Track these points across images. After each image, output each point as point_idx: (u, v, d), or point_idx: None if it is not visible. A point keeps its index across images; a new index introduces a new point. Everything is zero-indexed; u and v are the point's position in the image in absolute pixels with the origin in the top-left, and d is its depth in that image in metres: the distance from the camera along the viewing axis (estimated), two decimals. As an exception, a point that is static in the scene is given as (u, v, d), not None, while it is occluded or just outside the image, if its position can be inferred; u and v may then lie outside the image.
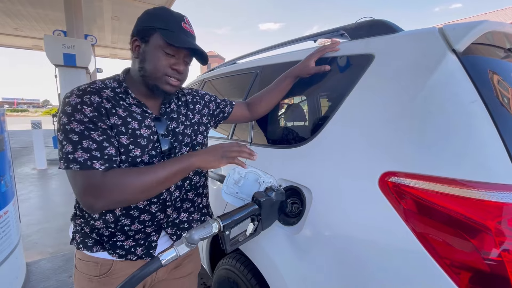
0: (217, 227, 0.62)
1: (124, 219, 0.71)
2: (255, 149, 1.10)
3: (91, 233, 0.73)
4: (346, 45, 0.89)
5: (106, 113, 0.66)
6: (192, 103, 0.88)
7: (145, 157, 0.71)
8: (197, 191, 0.87)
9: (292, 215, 0.82)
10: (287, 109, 1.19)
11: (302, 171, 0.83)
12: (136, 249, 0.74)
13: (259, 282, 0.96)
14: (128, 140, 0.68)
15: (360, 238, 0.64)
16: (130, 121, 0.69)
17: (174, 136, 0.78)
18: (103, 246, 0.73)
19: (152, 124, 0.73)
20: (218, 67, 1.91)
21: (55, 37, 5.85)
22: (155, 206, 0.75)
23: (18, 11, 7.08)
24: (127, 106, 0.71)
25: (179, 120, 0.81)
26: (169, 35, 0.67)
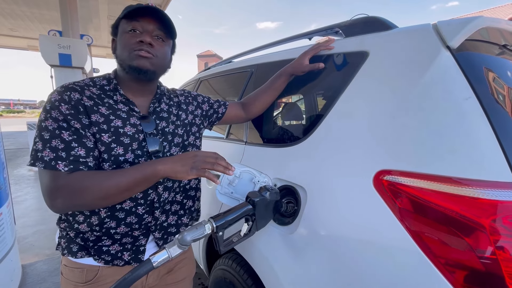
0: (210, 228, 0.61)
1: (110, 221, 0.68)
2: (250, 148, 1.09)
3: (76, 238, 0.70)
4: (340, 42, 0.89)
5: (85, 111, 0.65)
6: (185, 104, 0.87)
7: (128, 155, 0.68)
8: (187, 193, 0.84)
9: (287, 214, 0.81)
10: (282, 108, 1.18)
11: (297, 170, 0.82)
12: (123, 253, 0.72)
13: (255, 282, 0.96)
14: (110, 138, 0.66)
15: (355, 238, 0.63)
16: (113, 119, 0.68)
17: (163, 136, 0.76)
18: (88, 251, 0.70)
19: (138, 123, 0.71)
20: (214, 66, 1.90)
21: (50, 37, 5.80)
22: (142, 207, 0.71)
23: (12, 11, 7.01)
24: (112, 104, 0.70)
25: (169, 120, 0.79)
26: (124, 13, 0.68)
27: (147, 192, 0.71)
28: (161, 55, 0.72)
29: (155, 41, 0.70)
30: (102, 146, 0.65)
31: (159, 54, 0.71)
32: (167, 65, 0.77)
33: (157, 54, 0.70)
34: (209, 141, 1.45)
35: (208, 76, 1.80)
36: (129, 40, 0.68)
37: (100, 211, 0.67)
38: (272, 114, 1.11)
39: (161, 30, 0.71)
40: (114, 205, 0.68)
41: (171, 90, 0.89)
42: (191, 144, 0.85)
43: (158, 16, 0.69)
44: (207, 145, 1.44)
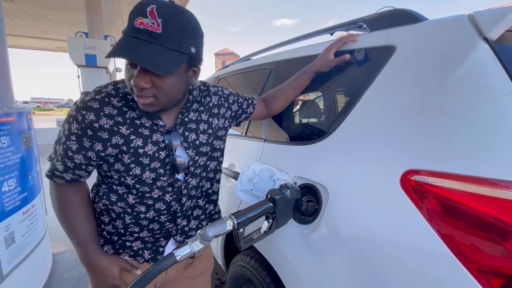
0: (231, 224, 0.61)
1: (134, 227, 0.72)
2: (270, 146, 1.08)
3: (102, 232, 0.74)
4: (365, 37, 0.86)
5: (103, 134, 0.63)
6: (217, 107, 0.80)
7: (146, 175, 0.67)
8: (208, 197, 0.85)
9: (308, 213, 0.80)
10: (303, 105, 1.16)
11: (318, 168, 0.80)
12: (143, 251, 0.75)
13: (273, 280, 0.96)
14: (129, 159, 0.65)
15: (380, 239, 0.61)
16: (133, 139, 0.65)
17: (192, 148, 0.72)
18: (114, 245, 0.74)
19: (161, 140, 0.67)
20: (232, 64, 1.90)
21: (77, 38, 6.09)
22: (165, 216, 0.73)
23: (44, 15, 7.43)
24: (134, 118, 0.65)
25: (198, 130, 0.74)
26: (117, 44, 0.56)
27: (170, 204, 0.72)
28: (164, 93, 0.60)
29: (151, 78, 0.57)
30: (122, 166, 0.65)
31: (160, 93, 0.59)
32: (180, 94, 0.65)
33: (158, 95, 0.59)
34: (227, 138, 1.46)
35: (226, 74, 1.81)
36: (127, 76, 0.60)
37: (125, 217, 0.71)
38: (293, 111, 1.10)
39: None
40: (139, 214, 0.70)
41: (205, 87, 0.80)
42: (216, 149, 0.82)
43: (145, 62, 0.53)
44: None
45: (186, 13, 0.58)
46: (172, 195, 0.72)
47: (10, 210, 1.42)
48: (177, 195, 0.73)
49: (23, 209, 1.53)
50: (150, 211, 0.71)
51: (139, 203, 0.70)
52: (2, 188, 1.35)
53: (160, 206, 0.71)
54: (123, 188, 0.69)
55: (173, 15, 0.55)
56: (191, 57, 0.59)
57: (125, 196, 0.69)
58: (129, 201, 0.69)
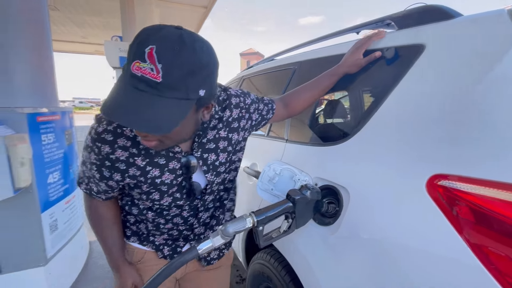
0: (251, 222, 0.63)
1: (154, 231, 0.77)
2: (291, 146, 1.08)
3: (129, 227, 0.80)
4: (392, 35, 0.83)
5: (120, 165, 0.62)
6: (237, 120, 0.74)
7: (164, 200, 0.68)
8: (224, 207, 0.86)
9: (328, 215, 0.79)
10: (326, 106, 1.14)
11: (340, 170, 0.80)
12: (164, 247, 0.80)
13: (292, 280, 0.96)
14: (147, 188, 0.66)
15: (402, 244, 0.59)
16: (150, 170, 0.63)
17: (214, 171, 0.71)
18: (139, 238, 0.79)
19: (177, 167, 0.65)
20: (257, 64, 1.92)
21: (113, 42, 6.50)
22: (183, 227, 0.78)
23: (84, 21, 8.03)
24: (148, 148, 0.61)
25: (217, 149, 0.70)
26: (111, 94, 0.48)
27: (187, 219, 0.76)
28: (170, 138, 0.56)
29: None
30: (140, 191, 0.67)
31: (167, 138, 0.55)
32: (189, 134, 0.60)
33: (163, 140, 0.55)
34: (250, 138, 1.49)
35: (250, 75, 1.83)
36: None
37: (147, 224, 0.75)
38: (315, 112, 1.08)
39: None
40: (158, 224, 0.75)
41: (225, 96, 0.73)
42: (234, 162, 0.81)
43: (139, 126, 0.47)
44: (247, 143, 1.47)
45: (196, 47, 0.48)
46: (189, 211, 0.75)
47: (55, 199, 1.57)
48: (194, 211, 0.76)
49: (65, 199, 1.68)
50: (168, 223, 0.75)
51: (157, 217, 0.73)
52: (47, 179, 1.50)
53: (177, 220, 0.75)
54: (144, 205, 0.72)
55: (176, 56, 0.45)
56: (200, 99, 0.51)
57: (145, 212, 0.73)
58: (148, 216, 0.73)
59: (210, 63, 0.51)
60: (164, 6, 6.94)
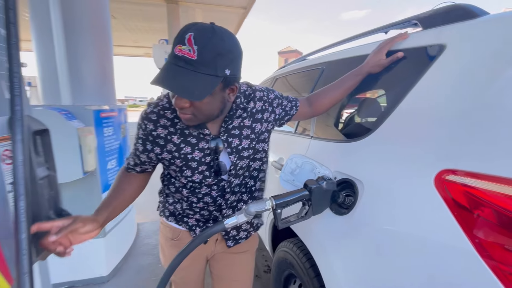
0: (270, 205, 0.72)
1: (188, 211, 0.89)
2: (316, 143, 1.15)
3: (168, 208, 0.94)
4: (414, 35, 0.85)
5: (154, 141, 0.75)
6: (261, 112, 0.83)
7: (195, 177, 0.79)
8: (251, 194, 0.93)
9: (345, 206, 0.85)
10: (347, 105, 1.18)
11: (357, 165, 0.85)
12: (196, 228, 0.91)
13: (311, 266, 1.03)
14: (181, 163, 0.78)
15: (408, 233, 0.63)
16: (183, 147, 0.75)
17: (234, 153, 0.80)
18: (175, 218, 0.93)
19: (206, 147, 0.77)
20: (289, 64, 2.00)
21: (159, 45, 7.07)
22: (212, 207, 0.87)
23: (136, 26, 8.86)
24: (183, 128, 0.75)
25: (241, 136, 0.80)
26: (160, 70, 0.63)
27: (216, 199, 0.85)
28: (201, 112, 0.66)
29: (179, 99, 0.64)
30: (176, 167, 0.79)
31: (198, 112, 0.66)
32: (217, 111, 0.70)
33: (196, 113, 0.66)
34: (279, 135, 1.58)
35: (282, 75, 1.92)
36: (171, 94, 0.69)
37: (182, 203, 0.88)
38: (338, 111, 1.13)
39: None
40: (191, 203, 0.86)
41: (250, 90, 0.84)
42: (259, 151, 0.89)
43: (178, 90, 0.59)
44: (276, 139, 1.57)
45: (224, 36, 0.61)
46: (217, 192, 0.84)
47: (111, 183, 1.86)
48: (221, 191, 0.85)
49: (119, 184, 1.96)
50: (200, 202, 0.85)
51: (191, 195, 0.84)
52: (107, 166, 1.78)
53: (207, 199, 0.85)
54: (179, 182, 0.84)
55: (208, 41, 0.58)
56: (226, 78, 0.63)
57: (180, 189, 0.85)
58: (183, 193, 0.85)
59: (234, 50, 0.63)
60: (205, 9, 7.32)
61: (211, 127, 0.77)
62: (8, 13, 0.52)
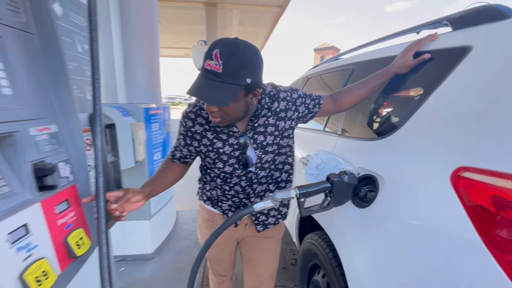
0: (294, 194, 0.82)
1: (222, 196, 1.02)
2: (342, 140, 1.20)
3: (205, 193, 1.08)
4: (443, 37, 0.86)
5: (192, 136, 0.89)
6: (284, 111, 0.91)
7: (227, 168, 0.91)
8: (278, 184, 1.02)
9: (366, 200, 0.91)
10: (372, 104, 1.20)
11: (380, 161, 0.89)
12: (228, 212, 1.04)
13: (334, 256, 1.10)
14: (214, 156, 0.90)
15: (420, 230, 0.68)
16: (216, 142, 0.88)
17: (259, 148, 0.90)
18: (211, 202, 1.07)
19: (234, 142, 0.88)
20: (321, 64, 2.04)
21: (198, 46, 7.46)
22: (242, 195, 0.99)
23: (177, 29, 9.42)
24: (216, 126, 0.87)
25: (266, 133, 0.89)
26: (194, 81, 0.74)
27: (245, 188, 0.96)
28: (228, 115, 0.77)
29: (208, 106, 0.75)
30: (210, 159, 0.92)
31: (225, 115, 0.77)
32: (241, 113, 0.79)
33: (223, 116, 0.77)
34: (308, 133, 1.64)
35: (314, 74, 1.97)
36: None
37: (217, 190, 1.02)
38: (363, 111, 1.17)
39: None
40: (224, 191, 0.98)
41: (274, 91, 0.91)
42: (284, 146, 0.98)
43: (206, 99, 0.71)
44: (305, 136, 1.64)
45: (245, 50, 0.71)
46: (246, 182, 0.96)
47: (157, 173, 2.09)
48: (249, 182, 0.96)
49: (163, 174, 2.20)
50: (231, 190, 0.97)
51: (224, 184, 0.97)
52: (153, 157, 2.02)
53: (237, 188, 0.97)
54: (214, 173, 0.97)
55: (231, 55, 0.69)
56: (248, 86, 0.72)
57: (215, 179, 0.98)
58: (217, 182, 0.98)
59: (255, 61, 0.73)
60: (242, 9, 7.52)
61: (239, 125, 0.88)
62: (91, 33, 0.67)
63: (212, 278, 1.32)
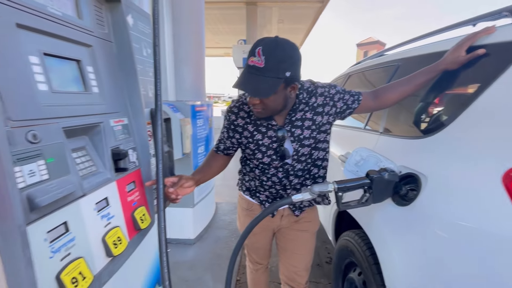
0: (332, 187, 0.85)
1: (260, 187, 1.08)
2: (384, 138, 1.18)
3: (245, 184, 1.16)
4: (500, 30, 0.81)
5: (235, 129, 0.99)
6: (322, 106, 0.93)
7: (265, 159, 0.98)
8: (314, 180, 1.06)
9: (407, 198, 0.89)
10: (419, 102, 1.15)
11: (424, 160, 0.87)
12: (266, 203, 1.10)
13: (371, 254, 1.10)
14: (254, 147, 0.98)
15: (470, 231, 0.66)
16: (256, 134, 0.96)
17: (296, 141, 0.95)
18: (250, 193, 1.14)
19: (273, 135, 0.94)
20: (364, 61, 1.98)
21: (238, 45, 7.67)
22: (279, 186, 1.04)
23: (218, 30, 9.79)
24: (256, 119, 0.94)
25: (303, 126, 0.94)
26: (239, 76, 0.84)
27: (281, 179, 1.01)
28: (269, 107, 0.84)
29: (259, 98, 0.82)
30: (250, 151, 0.99)
31: (267, 107, 0.84)
32: (280, 105, 0.85)
33: (265, 108, 0.84)
34: (348, 130, 1.63)
35: (356, 71, 1.92)
36: (246, 95, 0.91)
37: (255, 181, 1.08)
38: (408, 108, 1.13)
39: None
40: (262, 181, 1.04)
41: (312, 87, 0.94)
42: (321, 141, 1.00)
43: (250, 91, 0.80)
44: (345, 134, 1.62)
45: (285, 47, 0.78)
46: (283, 174, 1.00)
47: (200, 165, 2.26)
48: (286, 173, 1.00)
49: (205, 166, 2.37)
50: (268, 181, 1.03)
51: (261, 175, 1.03)
52: (198, 150, 2.18)
53: (274, 179, 1.02)
54: (253, 164, 1.04)
55: (272, 52, 0.76)
56: (287, 79, 0.79)
57: (253, 169, 1.05)
58: (256, 173, 1.05)
59: (293, 56, 0.79)
60: (282, 7, 7.52)
61: (277, 119, 0.94)
62: (154, 39, 0.78)
63: (248, 265, 1.40)
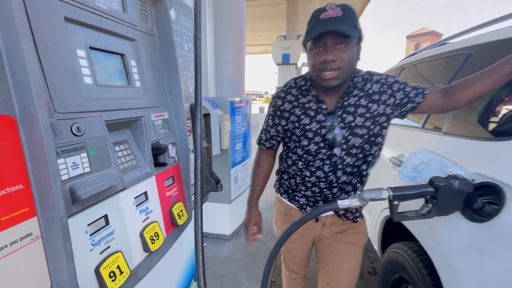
0: (386, 195, 0.73)
1: (301, 186, 0.98)
2: (449, 139, 1.01)
3: (283, 185, 1.07)
4: None
5: (281, 115, 0.94)
6: (378, 94, 0.85)
7: (311, 146, 0.89)
8: (361, 178, 0.91)
9: (484, 214, 0.74)
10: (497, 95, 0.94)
11: (507, 168, 0.71)
12: (306, 207, 1.00)
13: (430, 273, 0.95)
14: (300, 133, 0.90)
15: None
16: (303, 118, 0.90)
17: (347, 128, 0.86)
18: (288, 196, 1.05)
19: (322, 120, 0.87)
20: (421, 51, 1.76)
21: (278, 42, 7.59)
22: (323, 184, 0.93)
23: (258, 27, 9.82)
24: (305, 103, 0.90)
25: (356, 113, 0.86)
26: (307, 36, 0.78)
27: (328, 174, 0.91)
28: (345, 63, 0.78)
29: (337, 52, 0.76)
30: (296, 137, 0.92)
31: (343, 64, 0.78)
32: (354, 66, 0.82)
33: (341, 66, 0.78)
34: (401, 129, 1.45)
35: (410, 63, 1.71)
36: (314, 59, 0.80)
37: (296, 178, 0.98)
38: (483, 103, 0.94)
39: (342, 37, 0.75)
40: (304, 177, 0.95)
41: (368, 75, 0.89)
42: (375, 134, 0.88)
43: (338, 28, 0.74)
44: (397, 134, 1.45)
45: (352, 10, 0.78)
46: (330, 167, 0.90)
47: (238, 161, 2.25)
48: (333, 167, 0.90)
49: (243, 163, 2.36)
50: (312, 176, 0.93)
51: (305, 169, 0.93)
52: (236, 147, 2.18)
53: (319, 173, 0.91)
54: (296, 155, 0.96)
55: (345, 6, 0.77)
56: (360, 33, 0.78)
57: (296, 162, 0.95)
58: (299, 166, 0.94)
59: (358, 21, 0.79)
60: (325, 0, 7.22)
61: (328, 102, 0.88)
62: (196, 32, 0.74)
63: (284, 272, 1.32)
